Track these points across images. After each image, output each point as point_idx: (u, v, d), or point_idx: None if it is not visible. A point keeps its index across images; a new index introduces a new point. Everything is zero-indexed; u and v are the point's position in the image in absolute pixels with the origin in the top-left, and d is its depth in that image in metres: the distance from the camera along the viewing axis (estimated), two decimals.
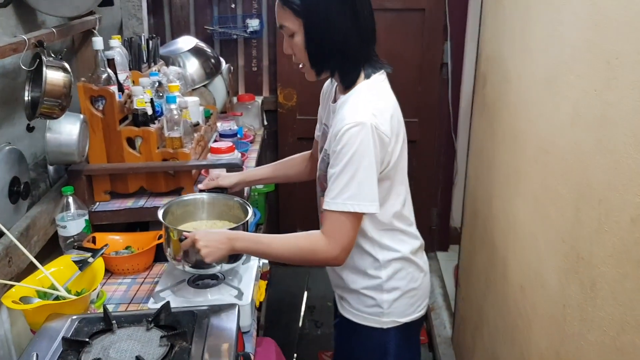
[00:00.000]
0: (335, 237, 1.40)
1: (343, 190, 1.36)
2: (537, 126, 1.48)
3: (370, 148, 1.35)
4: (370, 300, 1.56)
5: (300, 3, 1.38)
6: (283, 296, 3.39)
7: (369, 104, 1.41)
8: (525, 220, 1.57)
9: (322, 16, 1.39)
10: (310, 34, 1.40)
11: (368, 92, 1.45)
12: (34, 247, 1.69)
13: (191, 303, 1.55)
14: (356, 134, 1.34)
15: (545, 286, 1.39)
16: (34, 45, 1.57)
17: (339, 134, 1.36)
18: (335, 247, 1.40)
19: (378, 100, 1.44)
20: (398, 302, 1.56)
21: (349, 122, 1.36)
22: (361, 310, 1.58)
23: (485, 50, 2.10)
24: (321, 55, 1.44)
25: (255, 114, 3.03)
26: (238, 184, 1.83)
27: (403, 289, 1.56)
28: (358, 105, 1.41)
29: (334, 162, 1.39)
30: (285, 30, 1.44)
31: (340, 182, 1.37)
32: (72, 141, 1.76)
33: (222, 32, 3.24)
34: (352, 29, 1.41)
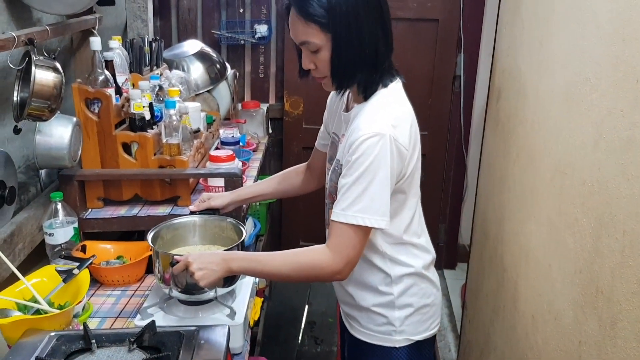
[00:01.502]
0: (340, 250, 1.33)
1: (354, 202, 1.30)
2: (555, 146, 1.38)
3: (387, 161, 1.30)
4: (382, 318, 1.49)
5: (328, 17, 1.30)
6: (283, 310, 3.29)
7: (387, 114, 1.35)
8: (538, 246, 1.47)
9: (352, 28, 1.32)
10: (339, 47, 1.33)
11: (386, 101, 1.39)
12: (19, 255, 1.61)
13: (180, 321, 1.47)
14: (374, 145, 1.29)
15: (559, 318, 1.29)
16: (24, 43, 1.50)
17: (355, 143, 1.31)
18: (339, 261, 1.33)
19: (397, 109, 1.39)
20: (410, 320, 1.49)
21: (367, 133, 1.30)
22: (372, 329, 1.51)
23: (501, 63, 2.00)
24: (348, 69, 1.37)
25: (259, 121, 2.95)
26: (230, 204, 1.77)
27: (415, 305, 1.50)
28: (376, 114, 1.35)
29: (346, 172, 1.33)
30: (310, 47, 1.35)
31: (351, 194, 1.31)
32: (63, 145, 1.68)
33: (229, 37, 3.17)
34: (381, 38, 1.36)
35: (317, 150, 1.78)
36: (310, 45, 1.35)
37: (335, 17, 1.30)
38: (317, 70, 1.39)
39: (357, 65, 1.37)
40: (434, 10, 3.06)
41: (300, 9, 1.33)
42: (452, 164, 3.34)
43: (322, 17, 1.30)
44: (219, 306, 1.52)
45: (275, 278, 1.45)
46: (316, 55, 1.36)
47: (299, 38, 1.36)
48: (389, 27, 1.39)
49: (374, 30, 1.35)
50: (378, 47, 1.36)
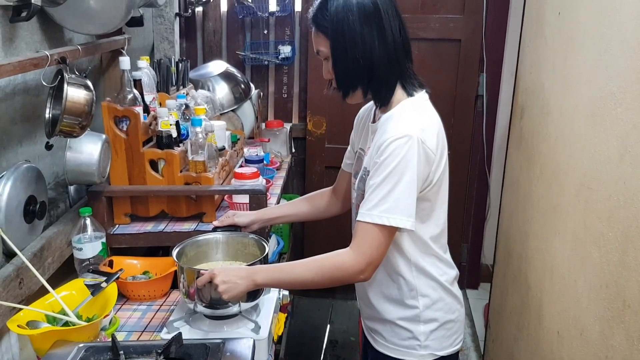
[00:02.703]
0: (363, 250, 1.35)
1: (380, 202, 1.32)
2: (580, 161, 1.38)
3: (414, 162, 1.32)
4: (406, 333, 1.49)
5: (329, 25, 1.39)
6: (305, 328, 3.28)
7: (415, 118, 1.38)
8: (563, 261, 1.46)
9: (346, 36, 1.38)
10: (335, 54, 1.40)
11: (413, 108, 1.42)
12: (48, 269, 1.64)
13: (205, 335, 1.49)
14: (401, 146, 1.32)
15: (585, 334, 1.28)
16: (56, 61, 1.54)
17: (383, 145, 1.34)
18: (362, 260, 1.35)
19: (424, 115, 1.42)
20: (435, 334, 1.49)
21: (395, 135, 1.33)
22: (396, 343, 1.51)
23: (524, 81, 2.01)
24: (347, 76, 1.43)
25: (283, 140, 2.98)
26: (254, 222, 1.79)
27: (440, 320, 1.49)
28: (404, 119, 1.38)
29: (374, 174, 1.35)
30: (321, 54, 1.44)
31: (378, 194, 1.33)
32: (93, 161, 1.72)
33: (253, 58, 3.22)
34: (379, 47, 1.39)
35: (343, 172, 1.79)
36: (321, 53, 1.44)
37: (332, 24, 1.38)
38: (334, 80, 1.46)
39: (352, 73, 1.41)
40: (456, 31, 3.08)
41: (313, 20, 1.43)
42: (474, 184, 3.33)
43: (325, 25, 1.39)
44: (243, 320, 1.53)
45: (300, 285, 1.45)
46: (328, 63, 1.44)
47: (315, 48, 1.46)
48: (392, 35, 1.40)
49: (369, 41, 1.38)
50: (373, 57, 1.39)
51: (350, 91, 1.46)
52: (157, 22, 2.67)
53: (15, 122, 1.62)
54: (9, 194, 1.47)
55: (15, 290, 1.46)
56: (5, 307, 1.39)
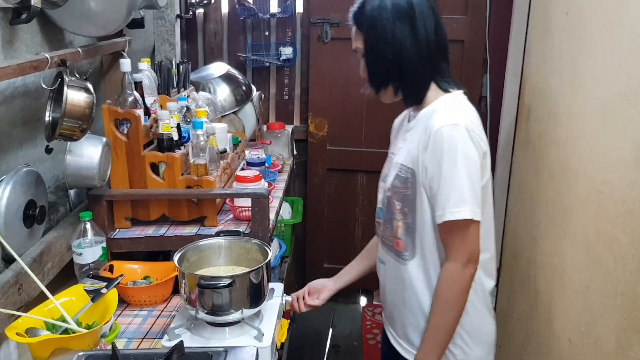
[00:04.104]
0: (459, 252, 1.36)
1: (448, 197, 1.32)
2: (590, 164, 1.35)
3: (466, 147, 1.32)
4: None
5: (364, 22, 1.44)
6: (307, 333, 3.25)
7: (458, 111, 1.40)
8: (574, 267, 1.43)
9: (378, 32, 1.42)
10: (367, 49, 1.45)
11: (453, 102, 1.43)
12: (48, 275, 1.61)
13: (207, 342, 1.46)
14: (451, 136, 1.32)
15: (600, 343, 1.24)
16: (56, 64, 1.52)
17: (431, 137, 1.34)
18: (463, 261, 1.35)
19: (467, 109, 1.43)
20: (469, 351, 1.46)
21: (441, 123, 1.34)
22: None
23: (530, 82, 1.98)
24: (378, 71, 1.46)
25: (284, 142, 2.95)
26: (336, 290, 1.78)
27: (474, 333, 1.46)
28: (448, 111, 1.38)
29: (434, 171, 1.35)
30: (358, 52, 1.49)
31: (444, 190, 1.33)
32: (93, 165, 1.69)
33: (254, 60, 3.19)
34: (410, 45, 1.41)
35: None
36: (358, 50, 1.48)
37: (367, 21, 1.43)
38: None
39: (383, 68, 1.44)
40: (459, 31, 3.05)
41: (352, 17, 1.49)
42: None
43: (360, 22, 1.45)
44: (245, 327, 1.50)
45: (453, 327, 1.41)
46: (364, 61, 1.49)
47: (352, 45, 1.51)
48: (426, 34, 1.42)
49: (400, 36, 1.40)
50: (403, 51, 1.41)
51: (382, 87, 1.48)
52: (158, 24, 2.65)
53: (15, 126, 1.59)
54: (9, 199, 1.44)
55: (14, 297, 1.43)
56: (4, 314, 1.36)
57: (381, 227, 1.58)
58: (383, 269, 1.62)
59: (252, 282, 1.48)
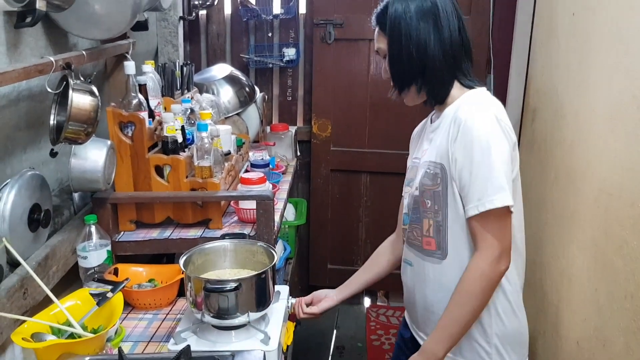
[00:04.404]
0: (489, 244, 1.31)
1: (482, 189, 1.29)
2: (598, 166, 1.34)
3: (498, 137, 1.30)
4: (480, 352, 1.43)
5: (387, 21, 1.43)
6: (311, 335, 3.24)
7: (485, 103, 1.39)
8: (582, 269, 1.42)
9: (402, 31, 1.42)
10: (391, 49, 1.44)
11: (479, 97, 1.42)
12: (53, 278, 1.61)
13: (213, 346, 1.45)
14: (481, 123, 1.31)
15: (608, 345, 1.24)
16: (61, 67, 1.51)
17: (461, 125, 1.33)
18: (493, 254, 1.31)
19: (493, 102, 1.41)
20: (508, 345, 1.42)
21: (470, 112, 1.33)
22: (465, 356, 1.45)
23: (535, 83, 1.97)
24: (401, 71, 1.46)
25: (288, 144, 2.94)
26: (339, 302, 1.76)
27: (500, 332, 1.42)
28: (475, 103, 1.38)
29: (465, 161, 1.32)
30: (380, 52, 1.49)
31: (478, 180, 1.30)
32: (98, 168, 1.68)
33: (257, 61, 3.19)
34: (434, 43, 1.41)
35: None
36: (380, 50, 1.48)
37: (390, 20, 1.42)
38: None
39: (407, 67, 1.43)
40: None
41: (375, 18, 1.49)
42: None
43: (384, 22, 1.44)
44: (252, 331, 1.49)
45: (471, 322, 1.38)
46: (386, 61, 1.48)
47: (375, 46, 1.51)
48: (449, 33, 1.42)
49: (424, 34, 1.40)
50: (428, 50, 1.40)
51: (405, 87, 1.47)
52: (161, 26, 2.64)
53: (20, 129, 1.58)
54: (13, 202, 1.43)
55: (20, 301, 1.42)
56: (10, 319, 1.35)
57: (407, 231, 1.55)
58: (410, 270, 1.57)
59: (258, 285, 1.47)
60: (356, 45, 3.05)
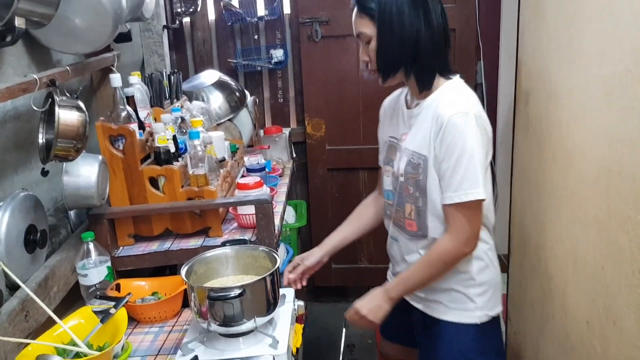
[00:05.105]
0: (459, 229, 1.48)
1: (461, 182, 1.43)
2: (597, 143, 1.33)
3: (476, 135, 1.42)
4: (462, 296, 1.60)
5: (376, 7, 1.45)
6: (320, 335, 3.22)
7: (464, 97, 1.48)
8: (587, 249, 1.40)
9: (394, 18, 1.44)
10: (382, 35, 1.46)
11: (457, 87, 1.52)
12: (54, 299, 1.59)
13: (221, 354, 1.44)
14: (461, 124, 1.41)
15: (619, 323, 1.22)
16: (46, 84, 1.49)
17: (443, 125, 1.43)
18: (461, 239, 1.48)
19: (471, 94, 1.52)
20: (487, 296, 1.61)
21: (451, 113, 1.42)
22: (455, 308, 1.62)
23: (526, 65, 1.95)
24: (391, 58, 1.49)
25: (283, 146, 2.92)
26: (323, 256, 1.86)
27: (491, 282, 1.62)
28: (454, 98, 1.47)
29: (445, 156, 1.44)
30: (363, 37, 1.50)
31: (456, 175, 1.43)
32: (91, 184, 1.66)
33: (245, 65, 3.16)
34: (425, 30, 1.46)
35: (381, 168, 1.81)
36: (363, 35, 1.49)
37: (380, 6, 1.44)
38: (371, 62, 1.52)
39: (398, 54, 1.48)
40: (450, 20, 2.91)
41: (359, 3, 1.49)
42: None
43: (372, 8, 1.45)
44: (259, 336, 1.48)
45: (423, 285, 1.60)
46: (368, 46, 1.50)
47: (355, 30, 1.52)
48: (436, 18, 1.47)
49: (415, 23, 1.45)
50: (419, 39, 1.46)
51: (392, 73, 1.52)
52: (145, 36, 2.62)
53: (9, 151, 1.56)
54: (8, 225, 1.42)
55: (22, 324, 1.41)
56: (13, 343, 1.34)
57: (393, 209, 1.69)
58: (397, 245, 1.73)
59: (262, 290, 1.46)
60: (344, 42, 3.02)
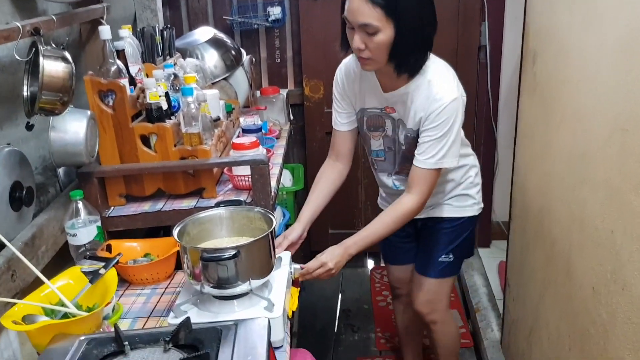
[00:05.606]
0: (424, 192, 1.70)
1: (438, 152, 1.64)
2: (610, 102, 1.26)
3: (460, 116, 1.65)
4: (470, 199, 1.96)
5: (395, 3, 1.46)
6: (316, 299, 3.21)
7: (452, 79, 1.65)
8: (595, 212, 1.35)
9: (416, 16, 1.50)
10: (403, 33, 1.50)
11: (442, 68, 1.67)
12: (42, 259, 1.54)
13: (215, 317, 1.39)
14: (454, 109, 1.61)
15: (628, 288, 1.18)
16: (29, 33, 1.41)
17: (439, 109, 1.60)
18: (421, 199, 1.70)
19: (451, 72, 1.68)
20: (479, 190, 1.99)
21: (448, 99, 1.60)
22: (458, 206, 1.95)
23: (535, 24, 1.87)
24: (408, 53, 1.56)
25: (280, 107, 2.84)
26: (304, 230, 1.85)
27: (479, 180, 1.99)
28: (446, 82, 1.63)
29: (432, 131, 1.63)
30: (368, 28, 1.50)
31: (436, 147, 1.64)
32: (79, 140, 1.60)
33: (242, 22, 3.05)
34: (434, 23, 1.58)
35: (341, 133, 1.92)
36: (369, 27, 1.49)
37: (404, 4, 1.46)
38: (366, 51, 1.54)
39: (415, 49, 1.56)
40: None
41: None
42: (481, 139, 3.20)
43: (389, 2, 1.45)
44: (254, 298, 1.43)
45: (380, 239, 1.77)
46: (371, 37, 1.51)
47: (359, 19, 1.49)
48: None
49: (431, 17, 1.55)
50: (432, 31, 1.58)
51: (406, 67, 1.61)
52: None
53: None
54: None
55: (8, 284, 1.36)
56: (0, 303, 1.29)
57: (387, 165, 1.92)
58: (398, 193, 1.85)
59: (257, 251, 1.40)
60: None
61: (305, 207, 1.92)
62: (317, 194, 1.95)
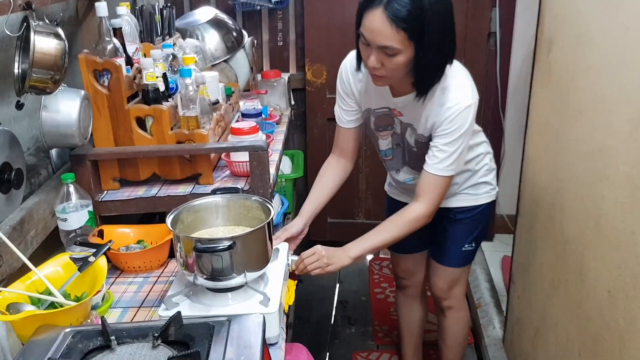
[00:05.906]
0: (433, 200, 1.67)
1: (448, 159, 1.62)
2: (635, 93, 1.18)
3: (472, 124, 1.63)
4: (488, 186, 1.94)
5: (420, 27, 1.41)
6: (313, 290, 3.14)
7: (468, 85, 1.62)
8: (614, 211, 1.28)
9: (439, 39, 1.46)
10: (423, 56, 1.46)
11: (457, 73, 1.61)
12: (31, 244, 1.48)
13: (208, 310, 1.33)
14: (467, 115, 1.58)
15: None
16: (21, 7, 1.33)
17: (452, 116, 1.58)
18: (432, 209, 1.68)
19: (467, 75, 1.65)
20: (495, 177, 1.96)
21: (462, 106, 1.57)
22: (478, 194, 1.92)
23: (551, 9, 1.79)
24: (432, 74, 1.55)
25: (281, 92, 2.76)
26: (305, 225, 1.83)
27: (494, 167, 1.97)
28: (461, 88, 1.60)
29: (443, 138, 1.61)
30: (388, 50, 1.45)
31: (446, 152, 1.61)
32: (72, 121, 1.52)
33: (244, 3, 2.96)
34: (455, 42, 1.54)
35: (346, 130, 1.87)
36: (390, 49, 1.44)
37: (429, 28, 1.42)
38: (382, 69, 1.50)
39: (434, 68, 1.53)
40: None
41: (393, 15, 1.39)
42: (487, 130, 3.09)
43: (414, 26, 1.40)
44: (249, 292, 1.36)
45: (385, 246, 1.76)
46: (390, 57, 1.46)
47: (379, 41, 1.44)
48: None
49: (452, 36, 1.52)
50: (453, 50, 1.55)
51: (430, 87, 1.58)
52: None
53: None
54: None
55: None
56: None
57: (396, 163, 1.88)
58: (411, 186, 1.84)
59: (254, 242, 1.34)
60: None
61: (307, 201, 1.87)
62: (321, 189, 1.90)
